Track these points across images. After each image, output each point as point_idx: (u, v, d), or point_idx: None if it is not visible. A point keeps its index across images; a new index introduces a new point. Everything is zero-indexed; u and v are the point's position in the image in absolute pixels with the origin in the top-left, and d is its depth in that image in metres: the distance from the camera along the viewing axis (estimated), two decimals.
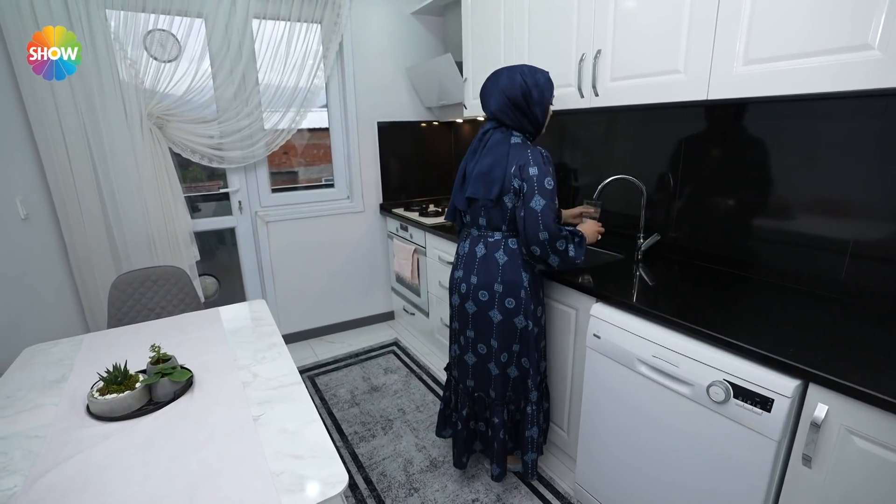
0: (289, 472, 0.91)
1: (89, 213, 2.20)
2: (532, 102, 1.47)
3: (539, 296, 1.58)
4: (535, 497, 1.70)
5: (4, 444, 1.02)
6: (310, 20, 2.54)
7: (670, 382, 1.24)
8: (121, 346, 1.47)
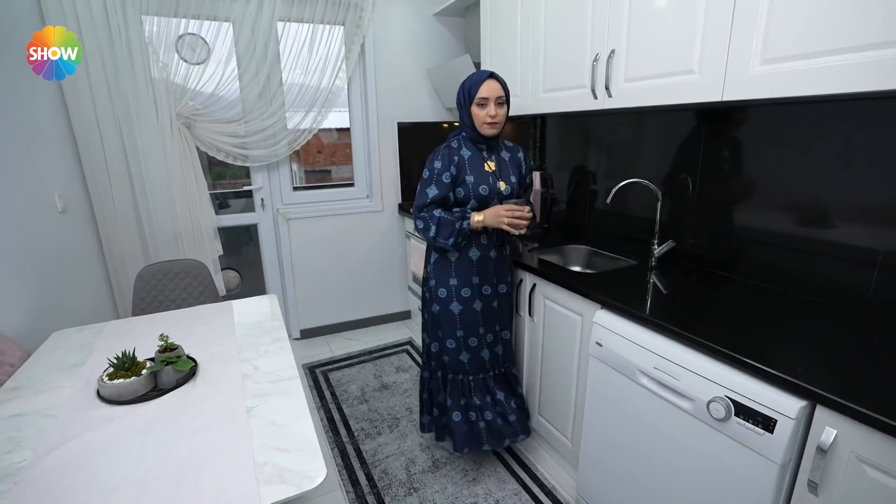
0: (272, 463, 0.94)
1: (122, 207, 2.33)
2: (459, 104, 1.62)
3: (441, 277, 1.68)
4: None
5: (20, 420, 1.10)
6: (333, 22, 2.59)
7: (671, 396, 1.20)
8: (138, 334, 1.54)
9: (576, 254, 2.13)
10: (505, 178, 1.65)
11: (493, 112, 1.54)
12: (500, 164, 1.66)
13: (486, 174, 1.61)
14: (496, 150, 1.68)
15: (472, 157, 1.62)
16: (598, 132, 2.14)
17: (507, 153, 1.71)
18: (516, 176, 1.68)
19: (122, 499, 0.86)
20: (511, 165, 1.69)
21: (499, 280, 1.72)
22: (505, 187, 1.63)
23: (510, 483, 1.76)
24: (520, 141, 2.66)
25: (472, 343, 1.71)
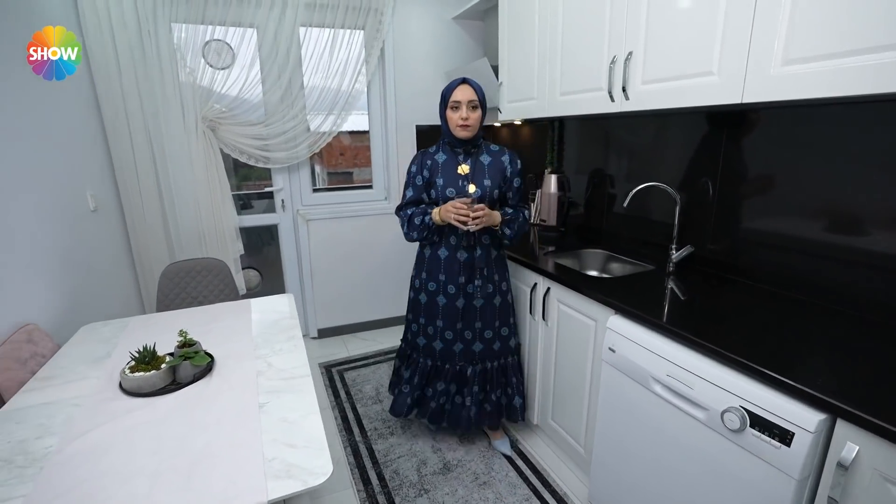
0: (280, 459, 0.96)
1: (150, 207, 2.42)
2: (439, 112, 1.72)
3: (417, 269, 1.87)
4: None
5: (50, 408, 1.15)
6: (353, 27, 2.64)
7: (684, 404, 1.17)
8: (160, 329, 1.60)
9: (592, 258, 2.10)
10: (477, 181, 1.68)
11: (465, 115, 1.61)
12: (476, 167, 1.70)
13: (457, 177, 1.68)
14: (476, 154, 1.72)
15: (447, 160, 1.70)
16: (617, 135, 2.11)
17: (490, 157, 1.73)
18: (495, 179, 1.71)
19: (136, 488, 0.89)
20: (491, 169, 1.71)
21: (468, 280, 1.76)
22: (474, 190, 1.66)
23: (521, 488, 1.75)
24: (537, 144, 2.66)
25: (429, 331, 1.85)
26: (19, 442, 1.02)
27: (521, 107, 2.25)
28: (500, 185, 1.72)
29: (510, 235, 1.74)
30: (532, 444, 2.00)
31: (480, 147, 1.74)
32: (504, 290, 1.84)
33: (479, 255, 1.75)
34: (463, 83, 1.62)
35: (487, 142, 1.79)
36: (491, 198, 1.70)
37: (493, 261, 1.80)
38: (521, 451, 1.94)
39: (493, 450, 1.95)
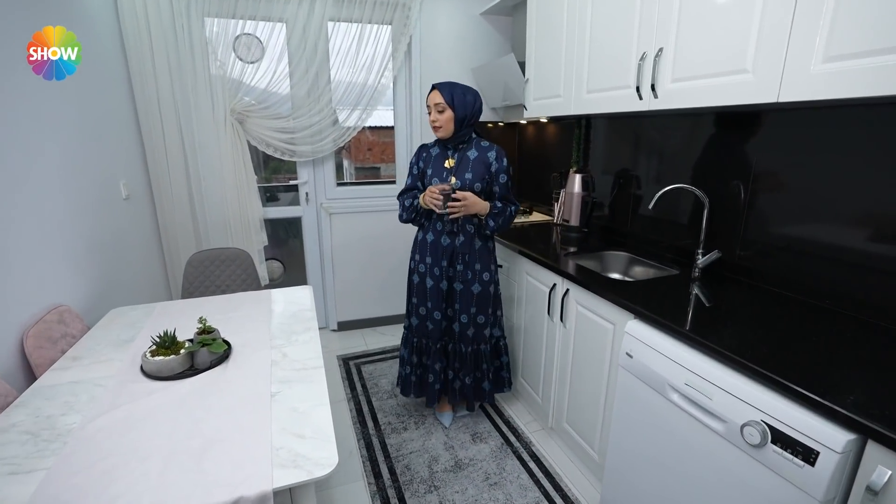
0: (287, 448, 0.97)
1: (179, 196, 2.50)
2: None
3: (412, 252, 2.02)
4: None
5: (76, 387, 1.21)
6: (381, 22, 2.64)
7: (702, 415, 1.12)
8: (183, 315, 1.65)
9: (615, 260, 2.05)
10: (459, 175, 1.82)
11: (434, 117, 1.79)
12: (462, 161, 1.84)
13: (443, 169, 1.84)
14: (464, 149, 1.85)
15: (439, 154, 1.88)
16: (644, 134, 2.05)
17: (477, 152, 1.85)
18: (478, 172, 1.82)
19: (151, 467, 0.92)
20: (476, 163, 1.83)
21: (450, 264, 1.90)
22: (455, 181, 1.81)
23: (532, 491, 1.73)
24: (563, 143, 2.60)
25: (421, 311, 1.99)
26: (46, 417, 1.07)
27: (547, 104, 2.20)
28: (482, 178, 1.82)
29: (493, 227, 1.86)
30: (546, 446, 1.97)
31: (470, 143, 1.86)
32: (485, 280, 1.93)
33: (460, 241, 1.88)
34: (432, 90, 1.79)
35: (480, 138, 1.89)
36: (472, 190, 1.81)
37: (477, 250, 1.90)
38: (534, 454, 1.92)
39: (506, 450, 1.93)
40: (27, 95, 1.44)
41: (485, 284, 1.92)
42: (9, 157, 1.36)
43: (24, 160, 1.43)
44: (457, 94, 1.77)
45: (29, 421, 1.06)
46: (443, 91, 1.76)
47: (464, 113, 1.77)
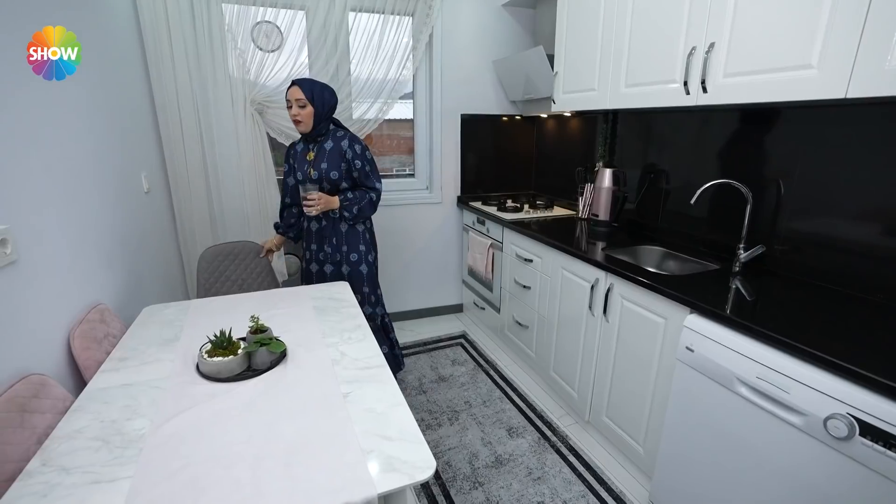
0: (378, 450, 0.94)
1: (196, 189, 2.42)
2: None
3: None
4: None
5: (133, 390, 1.15)
6: (403, 13, 2.59)
7: (777, 409, 1.13)
8: (220, 313, 1.59)
9: (648, 255, 2.06)
10: (317, 165, 1.95)
11: (295, 112, 1.88)
12: (319, 153, 1.96)
13: (304, 161, 1.99)
14: (322, 141, 1.97)
15: (303, 148, 2.02)
16: (676, 129, 2.05)
17: (333, 143, 1.97)
18: (334, 161, 1.95)
19: (240, 473, 0.88)
20: (331, 153, 1.95)
21: (319, 248, 2.09)
22: (313, 173, 1.96)
23: (576, 484, 1.73)
24: (587, 137, 2.60)
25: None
26: (111, 422, 1.02)
27: (579, 98, 2.19)
28: (339, 167, 1.95)
29: (350, 217, 2.01)
30: (583, 440, 1.97)
31: (327, 135, 1.98)
32: (353, 261, 2.08)
33: (323, 224, 2.04)
34: (293, 85, 1.87)
35: (338, 129, 2.02)
36: (329, 179, 1.95)
37: (344, 233, 2.05)
38: (573, 448, 1.92)
39: (544, 444, 1.93)
40: (58, 89, 1.36)
41: (352, 264, 2.07)
42: (46, 153, 1.28)
43: (58, 156, 1.35)
44: (316, 90, 1.88)
45: (95, 426, 1.01)
46: (303, 87, 1.86)
47: (322, 108, 1.91)
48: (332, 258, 2.07)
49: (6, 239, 1.07)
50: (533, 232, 2.25)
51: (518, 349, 2.54)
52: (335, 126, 2.03)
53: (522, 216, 2.60)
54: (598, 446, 1.94)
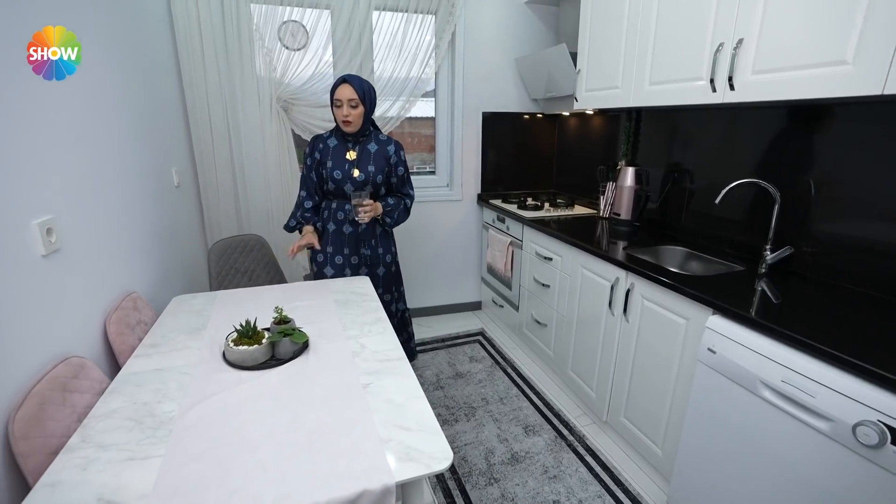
0: (397, 440, 0.96)
1: (223, 183, 2.49)
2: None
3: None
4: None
5: (163, 374, 1.20)
6: (426, 11, 2.61)
7: (802, 414, 1.11)
8: (244, 304, 1.63)
9: (670, 255, 2.03)
10: (362, 167, 1.88)
11: (346, 112, 1.79)
12: (363, 153, 1.89)
13: (344, 161, 1.88)
14: (365, 141, 1.90)
15: (337, 146, 1.90)
16: (700, 128, 2.01)
17: (377, 146, 1.92)
18: (379, 165, 1.91)
19: (265, 457, 0.91)
20: (377, 156, 1.90)
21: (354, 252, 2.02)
22: (358, 174, 1.87)
23: (593, 484, 1.72)
24: (609, 135, 2.57)
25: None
26: (144, 404, 1.07)
27: (602, 96, 2.17)
28: (384, 170, 1.92)
29: (390, 224, 2.00)
30: (600, 440, 1.96)
31: (369, 136, 1.92)
32: (388, 262, 2.07)
33: (363, 228, 1.97)
34: (343, 82, 1.77)
35: (377, 131, 1.96)
36: (375, 182, 1.91)
37: (378, 235, 2.02)
38: (590, 448, 1.92)
39: (561, 443, 1.93)
40: (99, 90, 1.43)
41: (387, 266, 2.06)
42: (87, 150, 1.34)
43: (98, 152, 1.41)
44: (366, 89, 1.81)
45: (128, 408, 1.06)
46: (354, 85, 1.77)
47: (371, 109, 1.85)
48: (370, 261, 2.02)
49: (52, 228, 1.13)
50: (553, 230, 2.24)
51: (536, 347, 2.54)
52: (374, 128, 1.98)
53: (543, 214, 2.59)
54: (616, 447, 1.92)
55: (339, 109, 1.80)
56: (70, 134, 1.25)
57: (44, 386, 1.02)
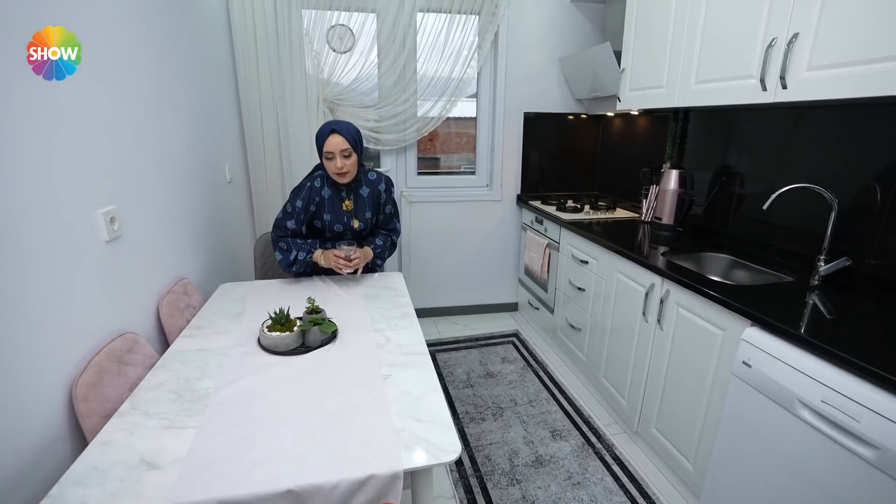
0: (409, 430, 0.99)
1: (272, 180, 2.64)
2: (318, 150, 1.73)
3: None
4: None
5: (204, 354, 1.30)
6: (469, 12, 2.63)
7: (844, 438, 1.03)
8: (282, 294, 1.72)
9: (714, 262, 1.93)
10: (360, 216, 1.81)
11: (340, 164, 1.66)
12: (357, 201, 1.80)
13: (341, 213, 1.78)
14: (356, 188, 1.79)
15: (332, 196, 1.77)
16: (753, 129, 1.90)
17: (368, 188, 1.81)
18: (374, 209, 1.83)
19: (285, 436, 0.97)
20: (369, 201, 1.81)
21: None
22: (358, 224, 1.80)
23: (618, 495, 1.68)
24: (655, 137, 2.48)
25: None
26: (185, 380, 1.17)
27: (646, 95, 2.10)
28: (377, 211, 1.85)
29: (381, 265, 1.95)
30: (629, 450, 1.91)
31: (360, 181, 1.79)
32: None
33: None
34: (332, 133, 1.63)
35: (364, 169, 1.82)
36: (372, 226, 1.86)
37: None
38: (618, 457, 1.86)
39: (588, 450, 1.89)
40: (165, 88, 1.57)
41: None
42: (149, 146, 1.48)
43: (159, 148, 1.55)
44: (354, 134, 1.67)
45: (172, 382, 1.16)
46: (345, 133, 1.63)
47: (361, 153, 1.73)
48: None
49: (114, 217, 1.26)
50: (589, 233, 2.19)
51: (569, 352, 2.50)
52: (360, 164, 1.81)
53: (582, 217, 2.54)
54: (646, 458, 1.86)
55: (332, 162, 1.66)
56: (133, 132, 1.39)
57: (102, 357, 1.14)
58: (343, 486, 0.87)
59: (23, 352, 0.94)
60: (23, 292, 0.95)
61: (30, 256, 0.97)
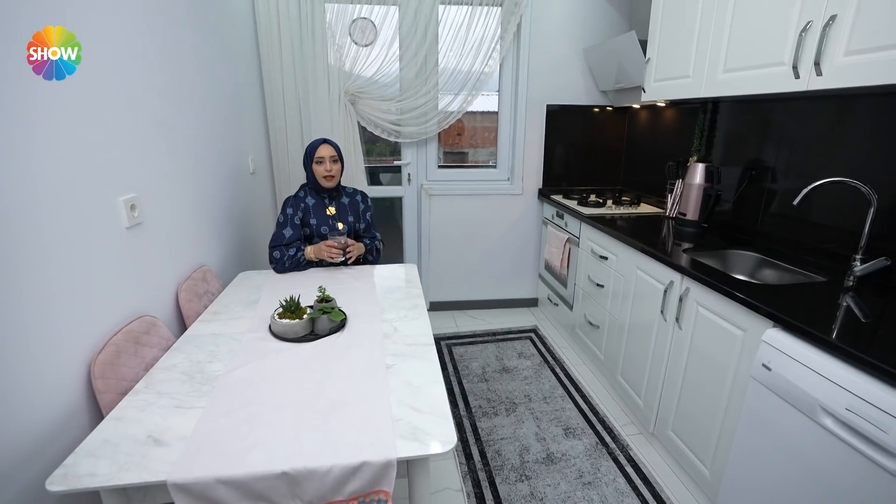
0: (406, 420, 1.00)
1: (294, 172, 2.69)
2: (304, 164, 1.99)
3: None
4: None
5: (218, 339, 1.35)
6: (491, 3, 2.59)
7: (869, 449, 0.97)
8: (297, 283, 1.76)
9: (740, 260, 1.84)
10: (343, 220, 2.01)
11: (329, 167, 1.91)
12: (339, 208, 2.02)
13: (326, 217, 1.98)
14: (337, 196, 2.03)
15: (316, 204, 1.98)
16: (785, 120, 1.79)
17: (347, 198, 2.06)
18: (354, 216, 2.05)
19: (286, 418, 1.00)
20: (350, 208, 2.04)
21: None
22: (343, 227, 1.99)
23: (630, 497, 1.64)
24: (682, 129, 2.38)
25: None
26: (197, 362, 1.21)
27: (672, 86, 2.02)
28: (357, 218, 2.05)
29: (372, 261, 2.09)
30: (644, 452, 1.85)
31: (340, 191, 2.04)
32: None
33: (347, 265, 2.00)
34: (323, 143, 1.93)
35: (342, 185, 2.07)
36: (354, 230, 2.05)
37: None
38: (632, 458, 1.82)
39: (601, 450, 1.85)
40: (189, 80, 1.63)
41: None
42: (170, 136, 1.54)
43: (181, 139, 1.61)
44: (339, 147, 1.97)
45: (185, 364, 1.20)
46: (333, 144, 1.94)
47: (343, 167, 2.02)
48: None
49: (135, 204, 1.32)
50: (608, 228, 2.13)
51: (587, 349, 2.44)
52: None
53: (604, 212, 2.47)
54: (661, 461, 1.80)
55: (321, 166, 1.91)
56: (154, 122, 1.44)
57: (120, 337, 1.20)
58: (336, 472, 0.88)
59: (45, 330, 1.00)
60: (46, 274, 1.00)
61: (51, 240, 1.02)
